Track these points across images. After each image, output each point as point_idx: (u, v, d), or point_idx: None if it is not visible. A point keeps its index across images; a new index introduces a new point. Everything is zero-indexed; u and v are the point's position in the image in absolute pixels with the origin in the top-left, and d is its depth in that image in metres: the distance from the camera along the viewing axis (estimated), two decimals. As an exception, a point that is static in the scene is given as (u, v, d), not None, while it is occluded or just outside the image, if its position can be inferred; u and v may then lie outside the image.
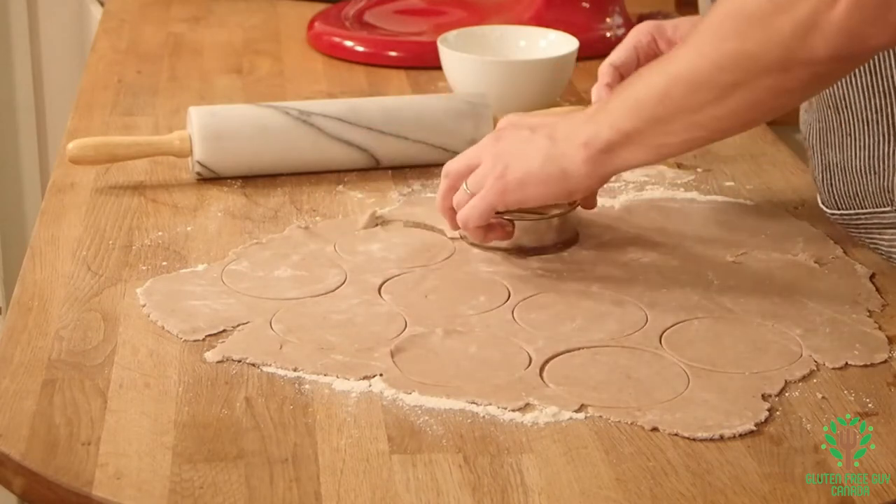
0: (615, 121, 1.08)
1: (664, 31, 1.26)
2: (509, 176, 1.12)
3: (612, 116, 1.09)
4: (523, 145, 1.13)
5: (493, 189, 1.13)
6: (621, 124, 1.08)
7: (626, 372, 1.04)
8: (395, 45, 1.72)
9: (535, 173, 1.11)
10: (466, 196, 1.16)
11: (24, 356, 1.05)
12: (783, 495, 0.91)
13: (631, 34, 1.28)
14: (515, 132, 1.14)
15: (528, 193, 1.13)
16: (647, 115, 1.07)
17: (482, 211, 1.14)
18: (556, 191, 1.12)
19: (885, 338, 1.09)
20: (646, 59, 1.26)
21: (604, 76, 1.27)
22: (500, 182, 1.13)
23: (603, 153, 1.09)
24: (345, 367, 1.04)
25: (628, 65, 1.26)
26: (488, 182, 1.13)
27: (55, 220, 1.27)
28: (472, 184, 1.15)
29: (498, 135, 1.16)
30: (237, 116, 1.36)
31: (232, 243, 1.23)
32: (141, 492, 0.90)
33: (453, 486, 0.91)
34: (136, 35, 1.81)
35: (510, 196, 1.13)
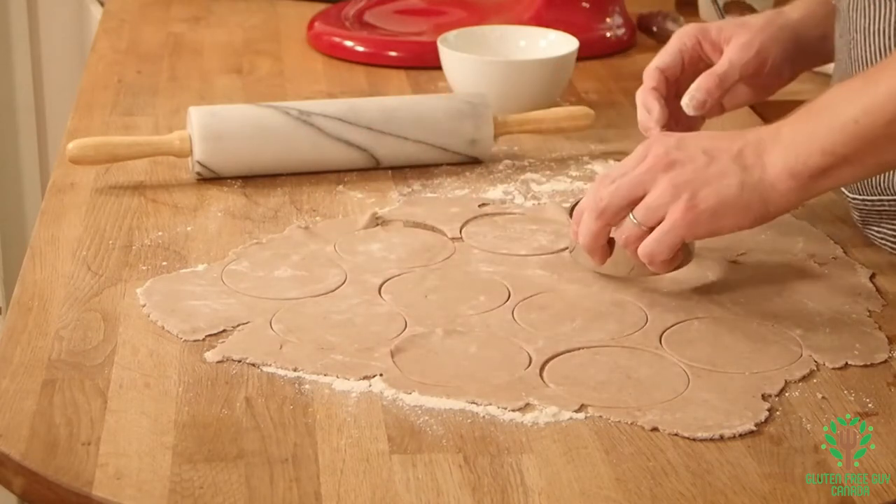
0: (829, 146, 1.03)
1: (708, 34, 1.25)
2: (701, 206, 1.05)
3: (822, 142, 1.03)
4: (707, 172, 1.06)
5: (684, 221, 1.06)
6: (837, 149, 1.03)
7: (626, 372, 1.04)
8: (395, 45, 1.72)
9: (732, 202, 1.05)
10: (638, 229, 1.08)
11: (24, 356, 1.05)
12: (783, 495, 0.91)
13: (675, 37, 1.26)
14: (689, 157, 1.07)
15: (722, 224, 1.07)
16: (873, 136, 1.02)
17: (671, 244, 1.07)
18: (752, 219, 1.07)
19: (885, 338, 1.09)
20: (690, 63, 1.25)
21: (650, 80, 1.25)
22: (691, 213, 1.06)
23: (813, 179, 1.05)
24: (345, 367, 1.04)
25: (673, 68, 1.25)
26: (675, 213, 1.06)
27: (55, 220, 1.27)
28: (644, 217, 1.08)
29: (665, 160, 1.07)
30: (237, 116, 1.36)
31: (232, 243, 1.23)
32: (141, 492, 0.90)
33: (453, 486, 0.91)
34: (136, 35, 1.81)
35: (701, 228, 1.07)
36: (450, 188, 1.36)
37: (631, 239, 1.09)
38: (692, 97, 1.22)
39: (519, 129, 1.44)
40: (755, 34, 1.24)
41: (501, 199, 1.33)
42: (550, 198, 1.33)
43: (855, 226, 1.28)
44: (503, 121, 1.42)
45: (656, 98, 1.23)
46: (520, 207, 1.32)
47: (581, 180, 1.37)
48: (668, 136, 1.11)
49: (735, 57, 1.23)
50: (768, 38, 1.24)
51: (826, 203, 1.33)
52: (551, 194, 1.34)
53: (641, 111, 1.24)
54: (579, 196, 1.25)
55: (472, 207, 1.31)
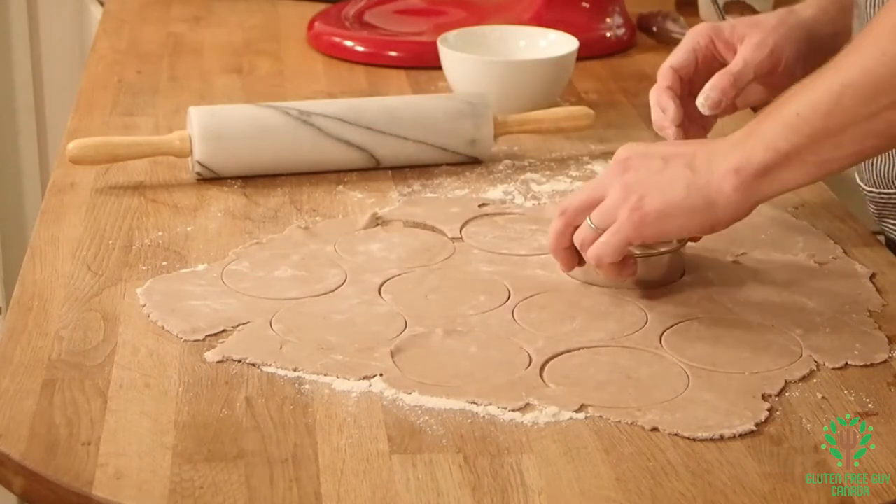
0: (770, 141, 1.03)
1: (721, 33, 1.25)
2: (647, 207, 1.06)
3: (765, 138, 1.04)
4: (658, 176, 1.07)
5: (629, 222, 1.07)
6: (779, 144, 1.03)
7: (626, 372, 1.04)
8: (395, 45, 1.72)
9: (678, 204, 1.06)
10: (593, 232, 1.09)
11: (24, 356, 1.05)
12: (783, 495, 0.91)
13: (688, 37, 1.26)
14: (644, 161, 1.09)
15: (668, 226, 1.07)
16: (810, 129, 1.02)
17: (617, 246, 1.08)
18: (699, 222, 1.07)
19: (885, 338, 1.09)
20: (704, 62, 1.25)
21: (663, 79, 1.25)
22: (637, 214, 1.07)
23: (756, 178, 1.04)
24: (345, 367, 1.04)
25: (687, 67, 1.25)
26: (622, 215, 1.07)
27: (55, 220, 1.27)
28: (598, 219, 1.09)
29: (624, 165, 1.09)
30: (237, 116, 1.36)
31: (232, 243, 1.23)
32: (141, 492, 0.90)
33: (453, 486, 0.91)
34: (136, 35, 1.81)
35: (648, 229, 1.07)
36: (450, 188, 1.36)
37: (585, 242, 1.10)
38: (707, 96, 1.22)
39: (519, 129, 1.44)
40: (769, 33, 1.24)
41: (501, 199, 1.33)
42: (550, 198, 1.33)
43: (855, 226, 1.28)
44: (503, 121, 1.42)
45: (671, 97, 1.23)
46: (520, 207, 1.32)
47: (581, 180, 1.37)
48: (636, 145, 1.12)
49: (749, 56, 1.23)
50: (781, 37, 1.24)
51: (826, 203, 1.33)
52: (551, 194, 1.34)
53: (656, 110, 1.25)
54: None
55: (472, 207, 1.31)
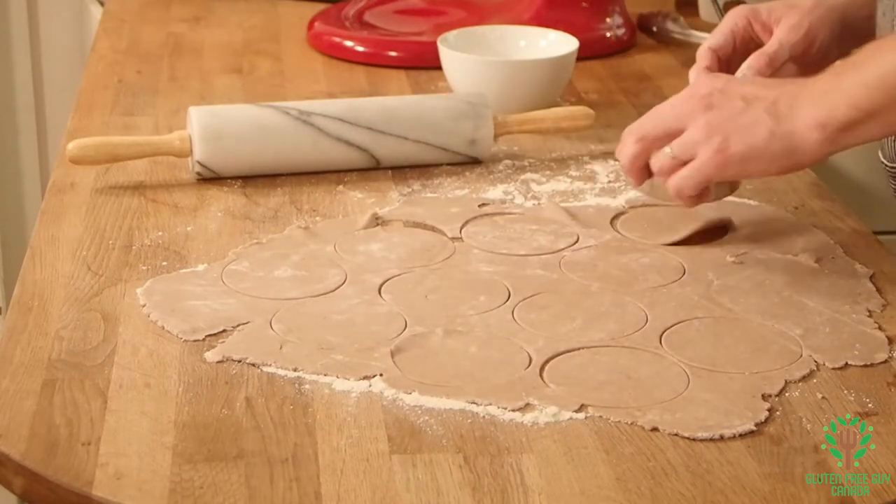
0: (853, 100, 1.07)
1: (759, 15, 1.28)
2: (731, 150, 1.10)
3: (847, 95, 1.07)
4: (741, 118, 1.10)
5: (713, 162, 1.10)
6: (862, 103, 1.07)
7: (626, 372, 1.04)
8: (395, 45, 1.72)
9: (760, 149, 1.09)
10: (672, 162, 1.13)
11: (24, 356, 1.05)
12: (783, 495, 0.91)
13: (727, 18, 1.29)
14: (727, 101, 1.12)
15: (749, 169, 1.11)
16: (892, 91, 1.06)
17: (699, 182, 1.12)
18: (779, 166, 1.10)
19: (885, 338, 1.09)
20: (742, 43, 1.28)
21: (702, 59, 1.27)
22: (720, 156, 1.10)
23: (840, 132, 1.08)
24: (345, 367, 1.04)
25: (725, 48, 1.28)
26: (704, 153, 1.11)
27: (55, 220, 1.27)
28: (680, 150, 1.12)
29: (706, 101, 1.13)
30: (237, 116, 1.37)
31: (232, 243, 1.23)
32: (141, 492, 0.90)
33: (453, 486, 0.91)
34: (136, 35, 1.81)
35: (730, 170, 1.11)
36: (450, 188, 1.36)
37: (663, 169, 1.14)
38: (744, 75, 1.25)
39: (519, 129, 1.44)
40: (804, 16, 1.26)
41: (501, 199, 1.33)
42: (550, 198, 1.33)
43: (855, 226, 1.28)
44: (503, 121, 1.42)
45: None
46: (520, 207, 1.32)
47: (581, 180, 1.37)
48: (716, 78, 1.15)
49: (785, 38, 1.26)
50: (817, 19, 1.27)
51: (826, 203, 1.33)
52: (551, 194, 1.34)
53: None
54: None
55: (472, 207, 1.31)
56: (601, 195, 1.34)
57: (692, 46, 1.78)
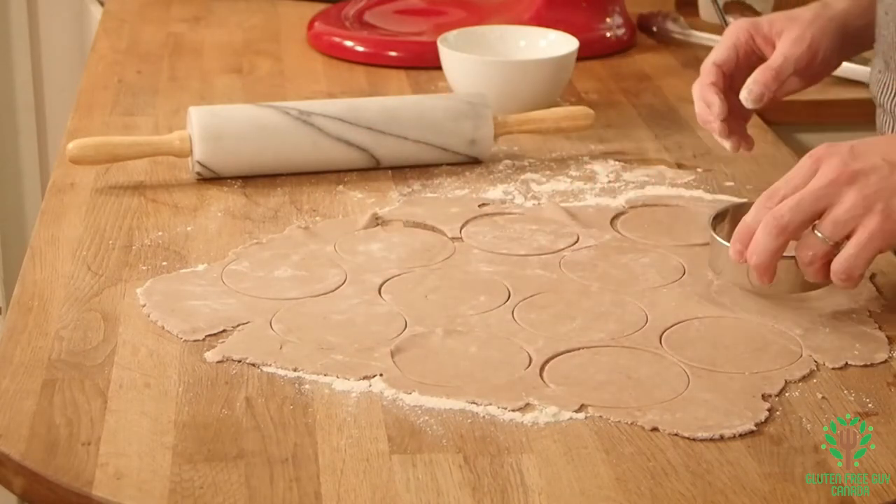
0: None
1: (760, 28, 1.28)
2: (895, 214, 1.04)
3: None
4: (894, 181, 1.05)
5: (881, 232, 1.04)
6: None
7: (626, 372, 1.04)
8: (395, 45, 1.72)
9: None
10: (825, 245, 1.06)
11: (24, 356, 1.05)
12: (783, 495, 0.91)
13: (728, 32, 1.30)
14: (870, 166, 1.06)
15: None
16: None
17: (868, 258, 1.05)
18: None
19: (885, 338, 1.09)
20: (745, 56, 1.28)
21: (707, 75, 1.27)
22: (888, 224, 1.04)
23: None
24: (345, 367, 1.04)
25: (729, 62, 1.28)
26: (870, 225, 1.04)
27: (55, 220, 1.27)
28: (832, 231, 1.05)
29: (849, 175, 1.05)
30: (237, 116, 1.36)
31: (232, 243, 1.23)
32: (141, 492, 0.90)
33: (453, 486, 0.91)
34: (136, 35, 1.81)
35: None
36: (450, 188, 1.36)
37: (818, 255, 1.07)
38: (750, 90, 1.25)
39: (519, 129, 1.44)
40: (806, 28, 1.27)
41: (501, 199, 1.33)
42: (550, 198, 1.33)
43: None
44: (503, 121, 1.42)
45: (716, 93, 1.26)
46: (520, 207, 1.32)
47: (581, 180, 1.37)
48: (838, 147, 1.08)
49: (789, 51, 1.26)
50: (818, 30, 1.27)
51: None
52: (551, 194, 1.34)
53: (700, 105, 1.27)
54: (719, 207, 1.21)
55: (472, 207, 1.31)
56: (601, 195, 1.34)
57: (692, 46, 1.78)
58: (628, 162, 1.42)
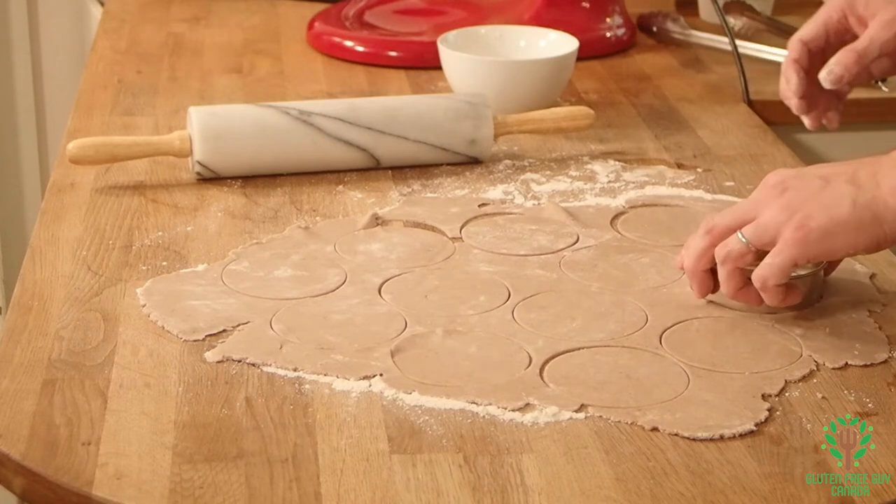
0: None
1: (855, 8, 1.25)
2: (812, 225, 1.04)
3: None
4: (821, 194, 1.05)
5: (793, 240, 1.04)
6: None
7: (626, 372, 1.04)
8: (395, 45, 1.72)
9: (844, 221, 1.03)
10: (743, 247, 1.07)
11: (24, 356, 1.05)
12: (783, 495, 0.91)
13: (822, 10, 1.28)
14: (802, 182, 1.07)
15: (835, 244, 1.05)
16: None
17: (782, 267, 1.05)
18: (866, 238, 1.04)
19: (885, 338, 1.09)
20: (835, 35, 1.26)
21: (793, 51, 1.26)
22: (801, 232, 1.04)
23: None
24: (345, 367, 1.04)
25: (817, 40, 1.26)
26: (786, 233, 1.04)
27: (55, 220, 1.27)
28: (753, 235, 1.06)
29: (780, 187, 1.07)
30: (237, 116, 1.36)
31: (232, 243, 1.23)
32: (141, 492, 0.90)
33: (453, 486, 0.91)
34: (136, 35, 1.81)
35: (813, 247, 1.04)
36: (450, 188, 1.36)
37: (732, 254, 1.07)
38: (830, 71, 1.24)
39: (519, 129, 1.44)
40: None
41: (501, 199, 1.33)
42: (550, 198, 1.33)
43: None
44: (503, 121, 1.42)
45: (795, 70, 1.26)
46: (520, 207, 1.32)
47: (581, 180, 1.37)
48: (786, 170, 1.10)
49: (876, 34, 1.23)
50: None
51: (826, 203, 1.33)
52: (551, 194, 1.34)
53: (781, 80, 1.28)
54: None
55: (472, 207, 1.31)
56: (601, 195, 1.34)
57: (692, 46, 1.78)
58: (628, 162, 1.42)
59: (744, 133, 1.51)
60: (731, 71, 1.65)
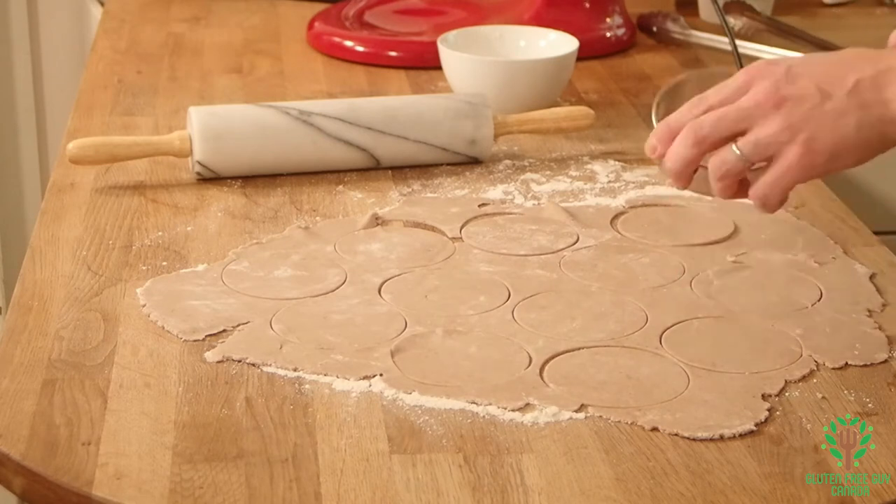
0: None
1: None
2: (817, 148, 1.01)
3: None
4: (822, 110, 1.01)
5: (800, 164, 1.02)
6: None
7: (626, 372, 1.04)
8: (395, 45, 1.72)
9: (851, 144, 1.01)
10: (741, 163, 1.03)
11: (24, 356, 1.05)
12: (783, 495, 0.91)
13: None
14: (800, 92, 1.02)
15: (839, 164, 1.02)
16: None
17: (786, 188, 1.03)
18: (871, 155, 1.03)
19: (885, 338, 1.09)
20: None
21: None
22: (807, 158, 1.01)
23: None
24: (345, 367, 1.04)
25: None
26: (790, 156, 1.02)
27: (55, 220, 1.27)
28: (753, 153, 1.03)
29: (776, 96, 1.02)
30: (237, 116, 1.36)
31: (232, 243, 1.23)
32: (141, 492, 0.90)
33: (453, 486, 0.91)
34: (136, 35, 1.81)
35: (818, 170, 1.03)
36: (450, 188, 1.36)
37: (732, 171, 1.04)
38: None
39: (519, 129, 1.44)
40: None
41: (501, 199, 1.33)
42: (550, 198, 1.33)
43: (855, 226, 1.28)
44: (503, 121, 1.42)
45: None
46: (520, 207, 1.32)
47: (581, 180, 1.37)
48: (775, 67, 1.05)
49: None
50: None
51: (826, 203, 1.33)
52: (551, 194, 1.34)
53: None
54: (666, 86, 1.16)
55: (472, 207, 1.31)
56: (601, 195, 1.34)
57: (692, 46, 1.78)
58: (628, 162, 1.42)
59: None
60: (731, 71, 1.64)
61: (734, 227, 1.27)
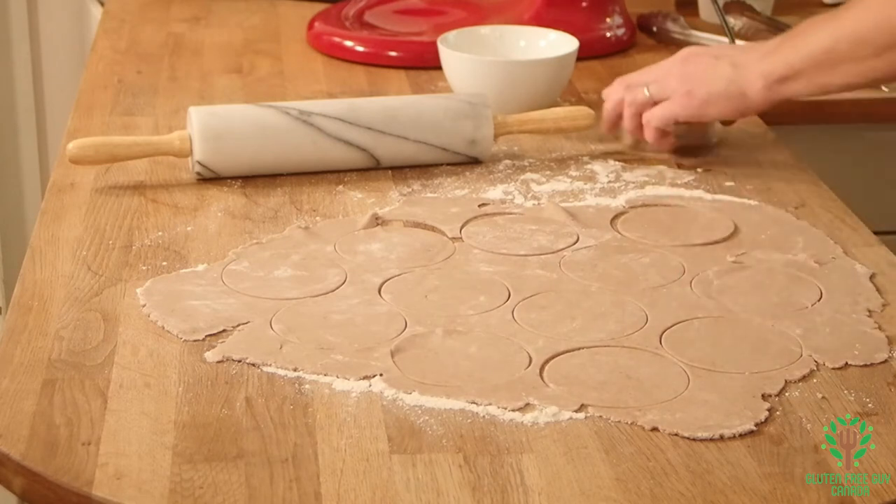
0: (788, 60, 1.31)
1: None
2: (696, 93, 1.36)
3: (784, 56, 1.31)
4: (709, 70, 1.36)
5: (679, 103, 1.37)
6: (794, 64, 1.31)
7: (626, 372, 1.04)
8: (395, 45, 1.72)
9: (720, 93, 1.35)
10: (646, 99, 1.39)
11: (24, 356, 1.05)
12: (783, 495, 0.91)
13: None
14: (700, 59, 1.38)
15: (709, 110, 1.37)
16: (815, 60, 1.30)
17: (664, 116, 1.39)
18: (733, 108, 1.36)
19: (885, 338, 1.09)
20: None
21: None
22: (686, 98, 1.37)
23: (777, 83, 1.32)
24: (345, 367, 1.04)
25: None
26: (676, 96, 1.37)
27: (55, 220, 1.27)
28: (656, 92, 1.39)
29: (685, 59, 1.39)
30: (237, 116, 1.36)
31: (232, 243, 1.23)
32: (141, 492, 0.90)
33: (453, 486, 0.91)
34: (136, 35, 1.81)
35: (692, 110, 1.37)
36: (450, 188, 1.36)
37: (637, 101, 1.40)
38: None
39: (519, 129, 1.44)
40: None
41: (501, 199, 1.33)
42: (550, 198, 1.33)
43: (855, 226, 1.28)
44: (503, 121, 1.42)
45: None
46: (520, 207, 1.32)
47: (581, 180, 1.37)
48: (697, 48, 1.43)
49: None
50: None
51: (826, 203, 1.33)
52: (551, 194, 1.34)
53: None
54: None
55: (472, 207, 1.31)
56: (601, 195, 1.34)
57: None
58: (628, 162, 1.42)
59: (743, 133, 1.51)
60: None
61: (734, 228, 1.27)
